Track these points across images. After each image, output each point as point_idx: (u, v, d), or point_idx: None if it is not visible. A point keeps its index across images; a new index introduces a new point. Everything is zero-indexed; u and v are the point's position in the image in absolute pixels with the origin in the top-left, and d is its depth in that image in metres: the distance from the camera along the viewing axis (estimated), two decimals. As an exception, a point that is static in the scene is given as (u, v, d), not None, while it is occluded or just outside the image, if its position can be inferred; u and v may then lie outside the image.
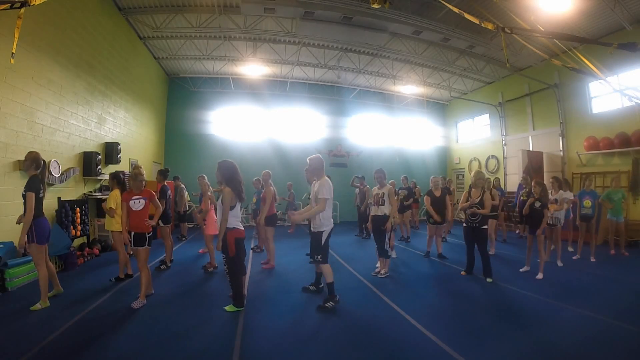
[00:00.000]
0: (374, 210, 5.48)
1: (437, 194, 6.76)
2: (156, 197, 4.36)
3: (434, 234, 6.94)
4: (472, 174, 5.60)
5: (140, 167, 4.35)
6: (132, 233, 4.08)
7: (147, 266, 4.16)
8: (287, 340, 3.13)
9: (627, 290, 4.64)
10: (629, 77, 8.64)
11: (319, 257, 4.00)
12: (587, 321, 3.55)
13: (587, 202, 6.58)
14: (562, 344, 3.03)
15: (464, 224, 5.45)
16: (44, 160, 4.08)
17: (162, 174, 6.39)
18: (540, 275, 5.23)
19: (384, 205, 5.31)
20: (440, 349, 2.94)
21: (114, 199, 4.99)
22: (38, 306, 3.78)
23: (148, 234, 4.12)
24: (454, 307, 4.07)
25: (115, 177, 5.14)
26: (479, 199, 5.22)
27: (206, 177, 6.44)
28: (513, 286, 4.79)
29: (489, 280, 5.05)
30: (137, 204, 4.11)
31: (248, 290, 4.52)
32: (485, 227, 5.21)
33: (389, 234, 5.27)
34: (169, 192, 6.43)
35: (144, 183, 4.28)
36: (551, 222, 5.93)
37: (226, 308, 3.81)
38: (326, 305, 3.87)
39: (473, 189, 5.40)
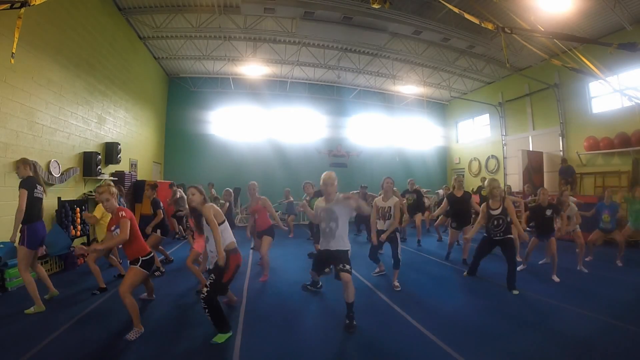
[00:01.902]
0: (380, 225, 4.91)
1: (459, 194, 6.15)
2: (123, 224, 3.29)
3: (455, 240, 6.29)
4: (486, 183, 4.99)
5: (108, 186, 3.52)
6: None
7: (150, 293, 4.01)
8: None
9: (627, 290, 4.64)
10: (629, 77, 8.64)
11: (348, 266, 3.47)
12: (587, 321, 3.55)
13: (606, 217, 5.96)
14: (562, 343, 3.03)
15: (485, 234, 4.90)
16: (35, 163, 4.14)
17: (152, 187, 5.97)
18: (556, 278, 5.05)
19: (390, 219, 4.85)
20: (442, 351, 2.94)
21: (99, 209, 5.09)
22: (32, 310, 3.70)
23: (144, 257, 3.35)
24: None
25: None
26: (500, 210, 4.70)
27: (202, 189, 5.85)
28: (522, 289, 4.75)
29: (515, 292, 4.48)
30: (115, 233, 3.37)
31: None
32: (511, 235, 4.74)
33: (399, 246, 4.84)
34: (161, 203, 5.96)
35: (114, 204, 3.45)
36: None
37: (215, 340, 3.06)
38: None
39: (490, 201, 4.79)
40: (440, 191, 12.79)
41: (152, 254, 3.47)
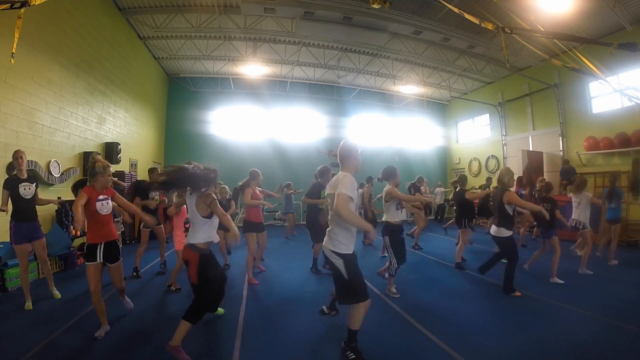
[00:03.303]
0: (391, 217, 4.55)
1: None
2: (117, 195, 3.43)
3: (469, 239, 5.99)
4: (503, 172, 4.67)
5: (108, 167, 3.35)
6: (102, 244, 3.20)
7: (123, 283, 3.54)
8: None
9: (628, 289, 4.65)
10: (629, 77, 8.63)
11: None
12: (587, 321, 3.55)
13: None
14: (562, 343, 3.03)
15: (509, 234, 4.53)
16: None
17: (152, 171, 5.89)
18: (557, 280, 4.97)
19: (401, 209, 4.54)
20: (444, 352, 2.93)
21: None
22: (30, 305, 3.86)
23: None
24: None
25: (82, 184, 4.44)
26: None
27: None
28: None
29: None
30: (106, 206, 3.27)
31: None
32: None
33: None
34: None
35: (107, 182, 3.34)
36: (580, 226, 5.62)
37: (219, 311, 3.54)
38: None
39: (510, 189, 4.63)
40: (439, 189, 12.80)
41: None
